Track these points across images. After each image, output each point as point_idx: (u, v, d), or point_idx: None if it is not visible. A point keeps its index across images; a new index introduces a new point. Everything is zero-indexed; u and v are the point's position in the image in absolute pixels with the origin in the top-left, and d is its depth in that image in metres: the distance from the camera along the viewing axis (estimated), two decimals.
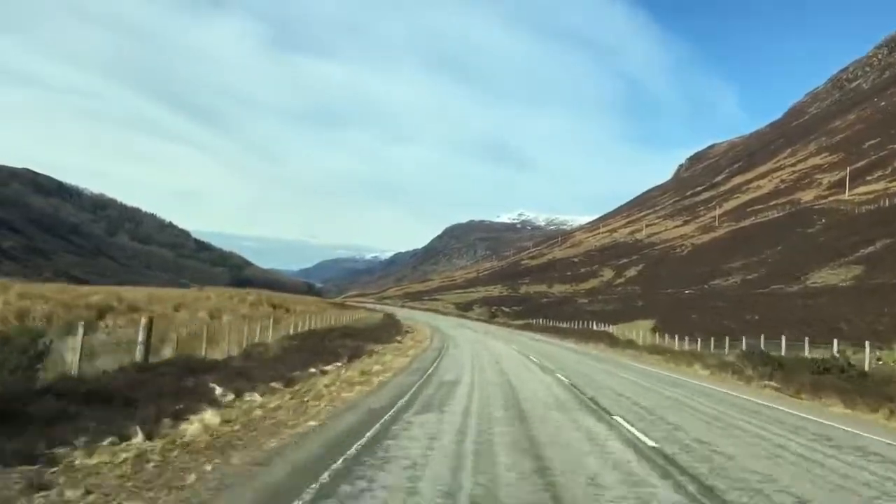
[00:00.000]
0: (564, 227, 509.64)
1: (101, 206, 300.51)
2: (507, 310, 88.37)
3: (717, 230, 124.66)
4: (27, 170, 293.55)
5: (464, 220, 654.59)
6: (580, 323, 55.85)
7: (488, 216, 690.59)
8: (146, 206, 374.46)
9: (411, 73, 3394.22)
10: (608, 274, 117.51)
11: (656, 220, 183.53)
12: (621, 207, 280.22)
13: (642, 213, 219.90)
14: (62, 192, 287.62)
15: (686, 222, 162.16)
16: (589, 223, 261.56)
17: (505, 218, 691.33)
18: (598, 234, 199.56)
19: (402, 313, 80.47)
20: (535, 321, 65.44)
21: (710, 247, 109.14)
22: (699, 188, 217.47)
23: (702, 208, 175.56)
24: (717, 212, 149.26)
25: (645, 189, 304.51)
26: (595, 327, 50.13)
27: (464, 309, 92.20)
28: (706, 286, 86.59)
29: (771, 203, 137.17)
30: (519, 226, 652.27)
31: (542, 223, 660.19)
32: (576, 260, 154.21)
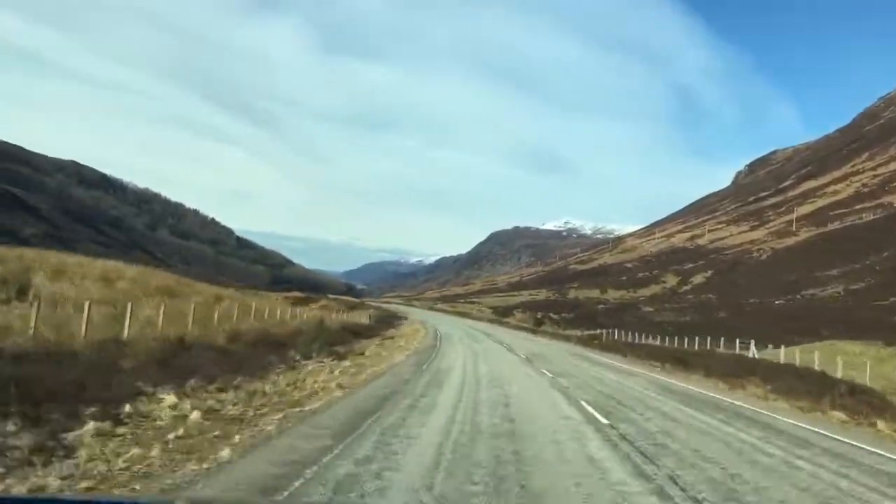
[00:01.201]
0: (611, 235, 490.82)
1: (144, 200, 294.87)
2: (555, 316, 73.49)
3: (796, 235, 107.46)
4: (74, 162, 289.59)
5: (509, 226, 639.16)
6: (666, 339, 40.18)
7: (534, 223, 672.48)
8: (193, 203, 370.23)
9: (460, 78, 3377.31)
10: (671, 280, 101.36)
11: (718, 226, 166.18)
12: (675, 214, 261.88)
13: (700, 219, 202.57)
14: (106, 185, 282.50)
15: (754, 227, 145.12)
16: (641, 229, 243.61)
17: (550, 225, 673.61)
18: (653, 239, 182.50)
19: (418, 316, 66.54)
20: (598, 332, 48.98)
21: (792, 252, 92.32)
22: (764, 193, 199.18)
23: (770, 213, 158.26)
24: (792, 216, 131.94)
25: (697, 196, 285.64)
26: (690, 345, 34.96)
27: (502, 313, 77.29)
28: (799, 296, 70.20)
29: (856, 207, 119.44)
30: (565, 233, 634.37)
31: (589, 231, 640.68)
32: (629, 265, 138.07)
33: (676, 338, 39.34)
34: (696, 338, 36.52)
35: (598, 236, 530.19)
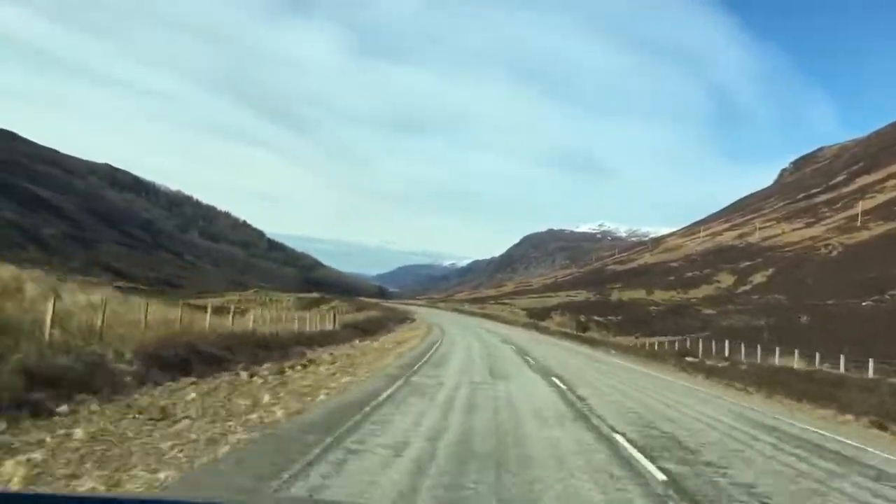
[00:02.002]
0: (646, 238, 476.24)
1: (176, 202, 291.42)
2: (600, 319, 63.48)
3: (867, 229, 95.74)
4: (107, 165, 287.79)
5: (542, 228, 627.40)
6: (758, 352, 30.15)
7: (567, 225, 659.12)
8: (226, 207, 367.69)
9: (494, 80, 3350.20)
10: (726, 279, 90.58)
11: (768, 223, 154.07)
12: (716, 213, 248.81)
13: (745, 218, 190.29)
14: (138, 188, 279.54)
15: (809, 224, 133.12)
16: (682, 229, 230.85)
17: (585, 227, 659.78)
18: (696, 238, 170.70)
19: (434, 318, 57.20)
20: (664, 340, 37.94)
21: (866, 248, 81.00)
22: (815, 190, 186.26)
23: (825, 209, 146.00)
24: (852, 211, 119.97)
25: (733, 197, 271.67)
26: (805, 362, 25.13)
27: (538, 315, 67.23)
28: (887, 296, 59.27)
29: None
30: (599, 236, 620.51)
31: (624, 234, 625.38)
32: (674, 265, 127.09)
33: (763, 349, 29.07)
34: (817, 353, 26.37)
35: (633, 238, 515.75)
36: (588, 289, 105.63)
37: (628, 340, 43.64)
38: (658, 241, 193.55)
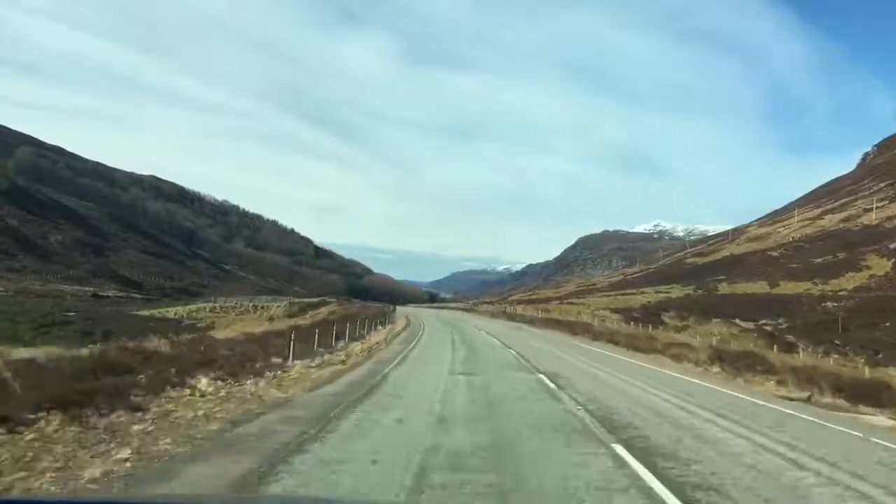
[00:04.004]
0: (702, 236, 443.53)
1: (222, 212, 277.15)
2: (776, 325, 39.52)
3: None
4: (153, 177, 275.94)
5: (597, 230, 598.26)
6: None
7: (623, 226, 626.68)
8: (277, 216, 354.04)
9: (546, 83, 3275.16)
10: (879, 264, 65.11)
11: (880, 204, 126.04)
12: (795, 201, 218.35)
13: (840, 202, 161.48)
14: (183, 198, 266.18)
15: None
16: (761, 218, 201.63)
17: (640, 228, 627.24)
18: (787, 226, 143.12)
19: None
20: None
21: None
22: None
23: None
24: None
25: (789, 193, 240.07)
26: None
27: (641, 319, 43.96)
28: None
29: None
30: (656, 235, 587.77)
31: (681, 233, 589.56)
32: (775, 254, 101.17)
33: None
34: None
35: (692, 237, 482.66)
36: (681, 283, 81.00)
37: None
38: (739, 231, 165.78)
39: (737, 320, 46.73)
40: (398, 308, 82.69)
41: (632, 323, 40.77)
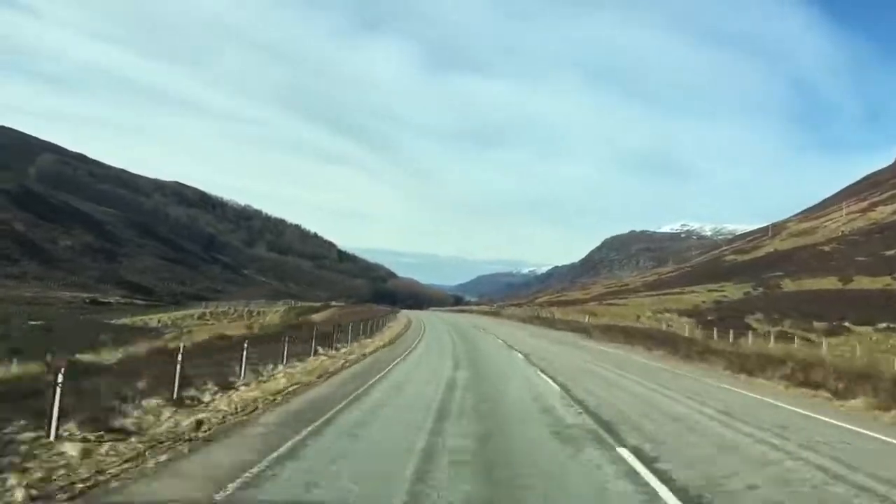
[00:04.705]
0: (731, 236, 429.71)
1: (244, 217, 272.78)
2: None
3: None
4: (177, 183, 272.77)
5: (623, 231, 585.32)
6: None
7: (649, 227, 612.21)
8: (298, 220, 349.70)
9: (569, 86, 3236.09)
10: None
11: None
12: (836, 195, 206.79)
13: (885, 195, 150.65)
14: (205, 204, 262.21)
15: None
16: (799, 213, 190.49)
17: (667, 228, 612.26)
18: (834, 220, 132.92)
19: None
20: None
21: None
22: None
23: None
24: None
25: (819, 191, 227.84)
26: None
27: (729, 316, 33.86)
28: None
29: None
30: (683, 235, 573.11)
31: (709, 233, 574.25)
32: (826, 248, 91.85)
33: None
34: None
35: (719, 237, 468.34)
36: (733, 281, 71.88)
37: None
38: (779, 227, 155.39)
39: (847, 323, 37.77)
40: (411, 313, 73.47)
41: (714, 329, 31.94)
